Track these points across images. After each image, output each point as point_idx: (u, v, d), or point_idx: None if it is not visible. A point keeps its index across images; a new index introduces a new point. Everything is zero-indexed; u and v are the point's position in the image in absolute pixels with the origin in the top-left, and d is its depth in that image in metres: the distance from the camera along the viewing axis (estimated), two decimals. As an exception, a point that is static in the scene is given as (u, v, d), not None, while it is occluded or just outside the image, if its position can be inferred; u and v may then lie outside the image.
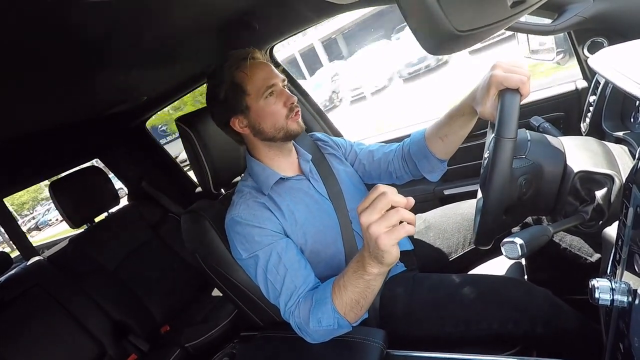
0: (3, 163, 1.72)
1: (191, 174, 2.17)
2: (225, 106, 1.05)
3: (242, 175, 1.16)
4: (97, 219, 2.09)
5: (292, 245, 0.99)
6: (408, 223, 0.70)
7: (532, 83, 0.80)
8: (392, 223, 0.69)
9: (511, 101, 0.75)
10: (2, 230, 2.81)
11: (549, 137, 0.89)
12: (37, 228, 22.26)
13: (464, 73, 8.42)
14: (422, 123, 1.74)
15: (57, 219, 20.08)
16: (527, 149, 0.83)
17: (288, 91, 1.05)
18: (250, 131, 1.06)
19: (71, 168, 2.14)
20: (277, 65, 1.78)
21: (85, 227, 2.06)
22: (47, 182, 2.09)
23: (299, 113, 1.05)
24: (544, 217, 1.06)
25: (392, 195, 0.70)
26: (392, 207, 0.70)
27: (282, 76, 1.06)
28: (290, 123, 1.03)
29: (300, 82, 1.96)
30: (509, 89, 0.77)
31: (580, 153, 0.83)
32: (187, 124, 1.17)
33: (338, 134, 1.96)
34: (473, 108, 0.93)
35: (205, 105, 1.13)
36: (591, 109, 1.13)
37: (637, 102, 0.96)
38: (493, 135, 0.75)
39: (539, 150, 0.84)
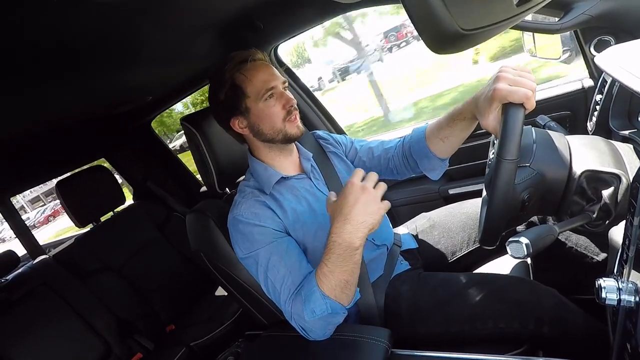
0: (9, 162, 1.73)
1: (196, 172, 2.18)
2: (225, 107, 1.05)
3: (244, 175, 1.16)
4: (102, 218, 2.10)
5: (293, 245, 0.99)
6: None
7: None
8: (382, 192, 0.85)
9: (514, 119, 0.73)
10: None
11: (554, 136, 0.88)
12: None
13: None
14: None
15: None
16: (532, 155, 0.82)
17: (288, 93, 1.05)
18: (249, 132, 1.06)
19: (77, 167, 2.15)
20: (281, 64, 1.80)
21: (91, 226, 2.07)
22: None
23: (297, 116, 1.05)
24: (549, 216, 1.05)
25: (373, 175, 0.87)
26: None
27: (282, 78, 1.05)
28: (289, 126, 1.03)
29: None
30: (512, 103, 0.75)
31: (587, 152, 0.82)
32: (192, 124, 1.17)
33: (341, 132, 1.96)
34: (475, 114, 0.91)
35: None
36: (598, 107, 1.12)
37: (644, 101, 0.95)
38: (495, 152, 0.74)
39: (544, 155, 0.83)
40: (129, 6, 0.81)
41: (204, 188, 2.47)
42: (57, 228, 18.56)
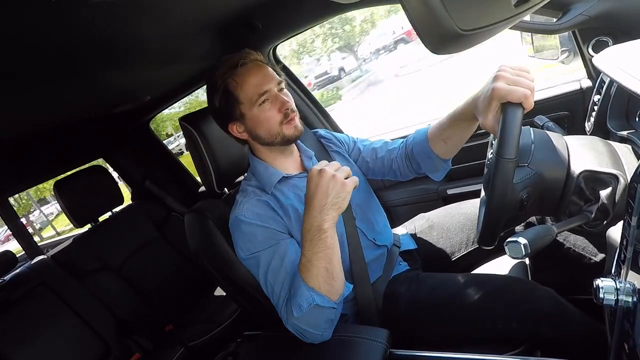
0: (8, 162, 1.73)
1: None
2: (221, 113, 1.05)
3: (246, 174, 1.16)
4: (100, 219, 2.10)
5: (295, 248, 0.98)
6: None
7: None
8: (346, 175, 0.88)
9: (513, 118, 0.74)
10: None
11: (553, 137, 0.88)
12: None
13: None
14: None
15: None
16: (530, 155, 0.82)
17: (285, 95, 1.03)
18: (248, 136, 1.06)
19: (75, 167, 2.15)
20: (278, 63, 1.79)
21: (89, 226, 2.07)
22: None
23: (295, 118, 1.03)
24: (547, 216, 1.06)
25: (335, 163, 0.90)
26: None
27: (277, 78, 1.03)
28: (286, 128, 1.02)
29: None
30: (511, 102, 0.75)
31: (585, 152, 0.83)
32: (190, 124, 1.17)
33: (339, 131, 1.96)
34: (475, 114, 0.91)
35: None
36: (596, 108, 1.12)
37: (642, 101, 0.95)
38: (494, 151, 0.74)
39: (542, 155, 0.83)
40: (127, 6, 0.81)
41: (202, 188, 2.47)
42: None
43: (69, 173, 2.04)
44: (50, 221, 19.85)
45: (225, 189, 1.29)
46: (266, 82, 1.01)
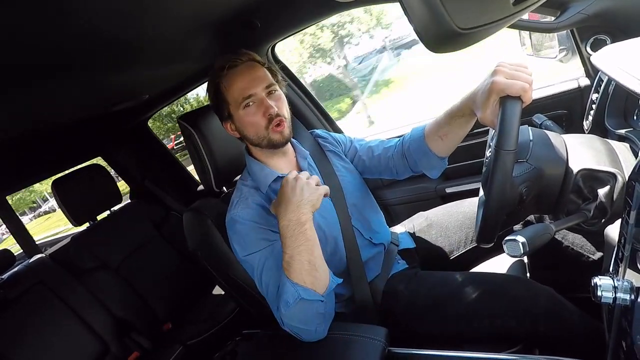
0: (5, 161, 1.72)
1: (193, 171, 2.18)
2: (216, 110, 1.09)
3: (242, 174, 1.16)
4: (99, 217, 2.09)
5: None
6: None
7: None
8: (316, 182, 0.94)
9: (512, 111, 0.74)
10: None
11: (551, 135, 0.88)
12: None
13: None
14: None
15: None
16: (529, 151, 0.82)
17: (275, 98, 1.03)
18: (239, 135, 1.08)
19: (74, 166, 2.14)
20: (277, 63, 1.79)
21: (87, 225, 2.06)
22: None
23: (283, 123, 1.02)
24: (546, 215, 1.06)
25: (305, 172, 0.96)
26: None
27: (268, 81, 1.03)
28: (272, 134, 1.02)
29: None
30: (510, 96, 0.76)
31: (583, 151, 0.83)
32: (189, 123, 1.17)
33: (338, 131, 1.96)
34: (473, 110, 0.91)
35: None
36: (594, 106, 1.12)
37: (640, 100, 0.96)
38: (494, 144, 0.74)
39: (540, 152, 0.83)
40: (126, 4, 0.81)
41: (201, 187, 2.46)
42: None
43: (67, 171, 2.04)
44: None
45: (224, 188, 1.29)
46: (253, 85, 1.01)
